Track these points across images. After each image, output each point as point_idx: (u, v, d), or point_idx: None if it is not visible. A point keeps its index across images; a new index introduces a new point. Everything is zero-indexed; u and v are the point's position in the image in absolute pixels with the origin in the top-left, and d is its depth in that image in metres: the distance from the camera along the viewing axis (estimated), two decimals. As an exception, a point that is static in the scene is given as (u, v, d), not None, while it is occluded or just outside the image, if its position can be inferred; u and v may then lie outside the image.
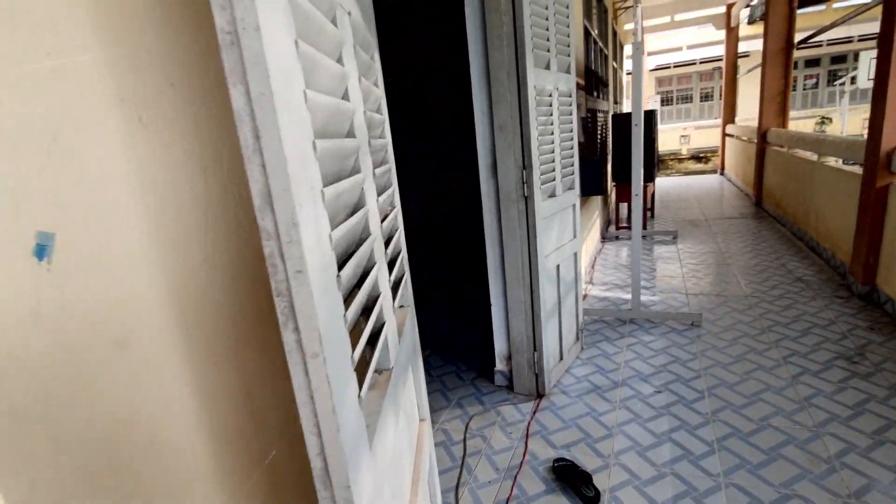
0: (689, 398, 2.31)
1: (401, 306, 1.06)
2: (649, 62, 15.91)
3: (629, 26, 9.53)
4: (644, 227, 5.67)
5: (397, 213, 1.06)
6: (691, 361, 2.64)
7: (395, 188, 1.08)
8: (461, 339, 3.24)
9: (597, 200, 5.12)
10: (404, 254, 1.14)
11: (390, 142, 1.08)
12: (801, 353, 2.60)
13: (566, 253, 2.56)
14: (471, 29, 2.09)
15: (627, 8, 8.15)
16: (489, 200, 2.30)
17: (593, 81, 4.90)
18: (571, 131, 2.52)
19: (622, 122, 4.87)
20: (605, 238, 5.69)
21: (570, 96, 2.47)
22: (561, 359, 2.61)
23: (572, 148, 2.54)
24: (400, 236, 1.09)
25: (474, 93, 2.18)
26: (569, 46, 2.41)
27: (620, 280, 4.14)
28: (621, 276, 4.26)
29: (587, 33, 4.48)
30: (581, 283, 2.78)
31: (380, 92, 1.02)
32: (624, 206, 6.64)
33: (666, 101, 19.58)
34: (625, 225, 5.98)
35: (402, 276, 1.07)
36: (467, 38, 2.11)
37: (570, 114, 2.50)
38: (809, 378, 2.37)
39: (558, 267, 2.49)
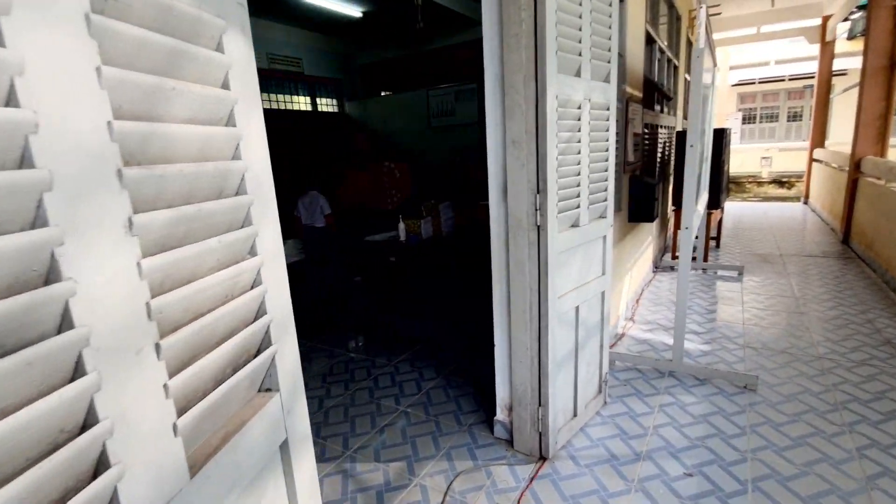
0: (728, 490, 1.85)
1: (267, 390, 0.76)
2: (731, 76, 14.71)
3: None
4: (705, 259, 5.07)
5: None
6: (737, 438, 2.16)
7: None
8: (479, 366, 2.91)
9: (650, 225, 4.60)
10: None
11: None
12: (883, 446, 2.05)
13: (590, 292, 2.17)
14: (487, 24, 1.78)
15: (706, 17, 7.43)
16: (498, 227, 1.97)
17: (654, 94, 4.40)
18: (606, 150, 2.14)
19: (685, 140, 4.34)
20: (657, 268, 5.13)
21: (608, 109, 2.09)
22: (574, 415, 2.23)
23: (606, 170, 2.16)
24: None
25: (487, 102, 1.87)
26: (609, 51, 2.03)
27: (667, 320, 3.63)
28: (669, 315, 3.74)
29: (650, 40, 4.01)
30: (607, 326, 2.37)
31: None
32: (683, 233, 6.01)
33: (748, 119, 18.11)
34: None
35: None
36: (483, 36, 1.81)
37: (606, 129, 2.11)
38: (891, 483, 1.83)
39: (577, 308, 2.11)
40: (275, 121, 7.92)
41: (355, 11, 7.01)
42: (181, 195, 0.53)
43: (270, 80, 7.71)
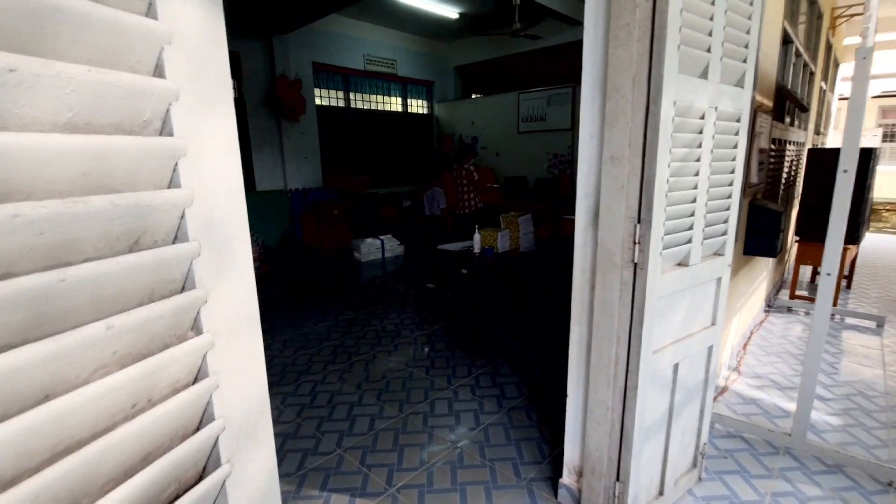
0: None
1: None
2: (871, 87, 12.63)
3: (851, 41, 7.50)
4: (834, 303, 4.22)
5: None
6: (889, 564, 1.62)
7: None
8: (547, 407, 2.57)
9: (766, 258, 3.91)
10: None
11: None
12: None
13: (694, 346, 1.75)
14: (589, 12, 1.46)
15: (852, 17, 6.35)
16: (584, 258, 1.64)
17: (786, 104, 3.72)
18: (732, 171, 1.71)
19: (822, 160, 3.62)
20: (770, 307, 4.38)
21: (738, 120, 1.66)
22: (661, 493, 1.82)
23: (730, 196, 1.73)
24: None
25: (583, 107, 1.54)
26: (746, 47, 1.61)
27: (783, 375, 3.01)
28: (785, 368, 3.11)
29: (786, 39, 3.37)
30: (712, 388, 1.92)
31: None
32: (806, 269, 5.13)
33: (889, 137, 15.54)
34: (805, 294, 4.55)
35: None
36: (583, 28, 1.49)
37: (734, 146, 1.69)
38: None
39: (677, 366, 1.70)
40: (367, 121, 8.06)
41: (452, 12, 6.90)
42: (39, 251, 0.31)
43: (366, 80, 7.87)
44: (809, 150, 3.79)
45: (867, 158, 3.78)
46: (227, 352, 0.46)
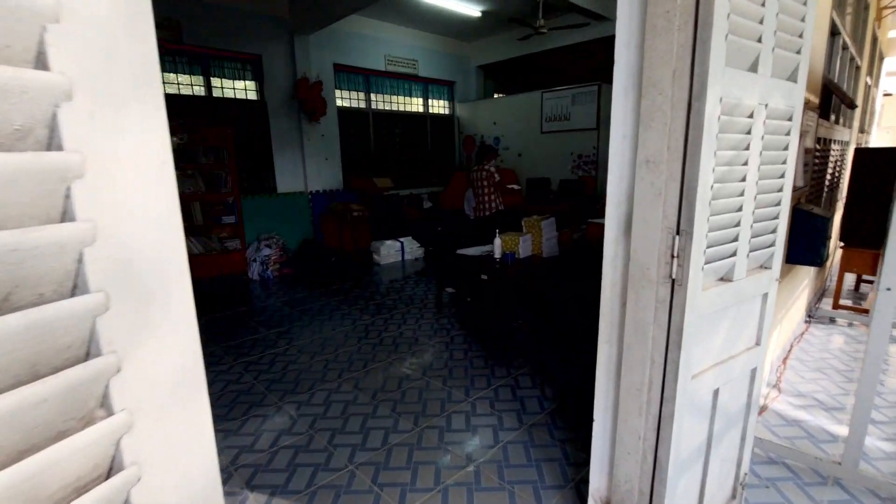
0: None
1: None
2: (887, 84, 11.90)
3: (897, 33, 7.05)
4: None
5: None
6: None
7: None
8: (571, 426, 2.42)
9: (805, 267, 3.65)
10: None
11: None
12: None
13: (736, 369, 1.58)
14: (623, 0, 1.32)
15: (900, 7, 5.96)
16: (614, 272, 1.49)
17: (832, 100, 3.46)
18: (782, 176, 1.53)
19: (872, 161, 3.35)
20: (811, 317, 4.10)
21: (790, 119, 1.49)
22: (697, 529, 1.65)
23: (779, 203, 1.55)
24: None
25: (614, 105, 1.40)
26: (801, 37, 1.44)
27: (828, 394, 2.78)
28: (830, 385, 2.87)
29: (833, 31, 3.13)
30: (755, 413, 1.75)
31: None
32: (850, 276, 4.81)
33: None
34: (849, 304, 4.25)
35: None
36: (616, 18, 1.35)
37: (786, 147, 1.51)
38: None
39: (717, 391, 1.54)
40: (388, 122, 8.00)
41: (474, 11, 6.77)
42: None
43: (387, 81, 7.80)
44: (856, 149, 3.52)
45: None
46: (153, 433, 0.35)
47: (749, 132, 1.35)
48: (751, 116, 1.34)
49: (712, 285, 1.39)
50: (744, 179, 1.38)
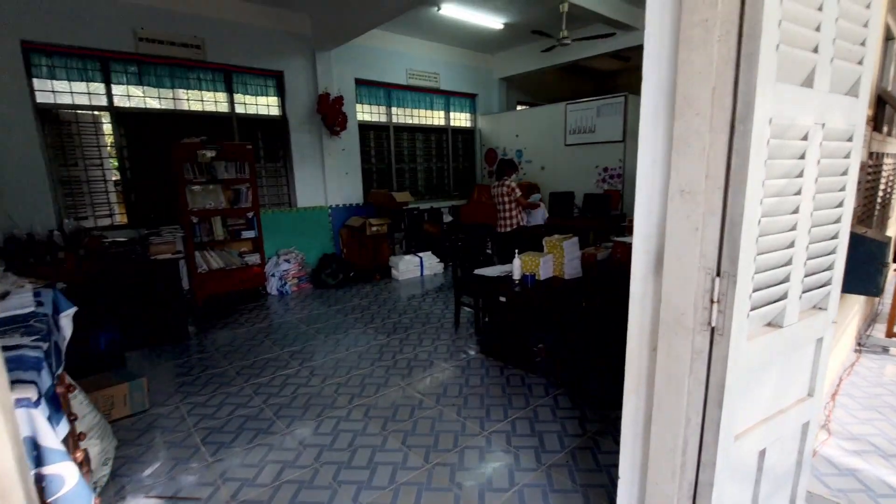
0: None
1: None
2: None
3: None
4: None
5: None
6: None
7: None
8: (596, 469, 2.22)
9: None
10: None
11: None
12: None
13: (787, 425, 1.38)
14: (653, 8, 1.16)
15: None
16: (641, 314, 1.31)
17: (885, 110, 3.18)
18: (840, 205, 1.33)
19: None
20: (861, 345, 3.77)
21: (850, 140, 1.29)
22: None
23: (836, 236, 1.35)
24: None
25: (642, 126, 1.24)
26: (864, 45, 1.25)
27: (886, 437, 2.49)
28: (888, 427, 2.58)
29: (888, 36, 2.87)
30: (807, 473, 1.52)
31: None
32: (905, 301, 4.43)
33: None
34: (904, 332, 3.89)
35: None
36: (644, 29, 1.19)
37: (845, 172, 1.31)
38: None
39: (763, 452, 1.34)
40: (409, 136, 7.95)
41: (497, 23, 6.67)
42: None
43: (408, 94, 7.77)
44: (914, 164, 3.22)
45: None
46: None
47: (803, 157, 1.17)
48: (805, 139, 1.16)
49: (759, 333, 1.20)
50: (796, 211, 1.19)
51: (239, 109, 5.93)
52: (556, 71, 8.96)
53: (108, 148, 5.12)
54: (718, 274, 1.11)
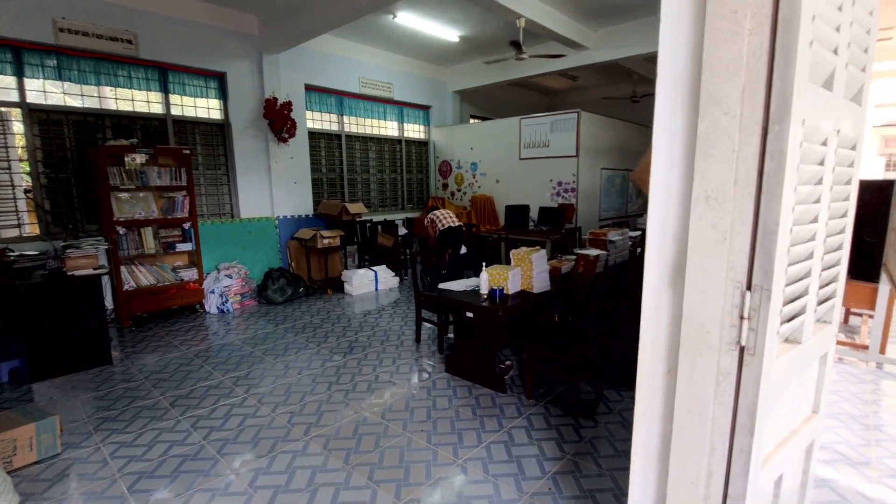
0: None
1: None
2: (873, 117, 12.61)
3: None
4: (882, 350, 3.81)
5: None
6: None
7: None
8: (577, 478, 2.09)
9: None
10: None
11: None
12: None
13: (798, 447, 1.31)
14: None
15: None
16: (655, 331, 1.20)
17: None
18: (844, 215, 1.30)
19: (870, 192, 3.25)
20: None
21: (854, 148, 1.26)
22: None
23: (841, 247, 1.31)
24: None
25: (656, 126, 1.14)
26: (867, 52, 1.22)
27: (850, 444, 2.55)
28: (850, 435, 2.65)
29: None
30: (809, 497, 1.47)
31: None
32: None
33: (893, 166, 15.58)
34: (841, 338, 4.13)
35: None
36: (659, 18, 1.10)
37: (848, 181, 1.28)
38: None
39: (780, 479, 1.25)
40: (361, 146, 7.70)
41: (453, 35, 6.64)
42: None
43: (361, 103, 7.53)
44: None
45: (888, 192, 3.41)
46: None
47: (822, 163, 1.10)
48: (824, 144, 1.10)
49: (788, 351, 1.12)
50: (816, 220, 1.13)
51: (175, 111, 5.45)
52: (508, 86, 9.08)
53: (19, 150, 4.50)
54: (749, 287, 1.01)
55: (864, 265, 3.24)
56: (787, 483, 1.31)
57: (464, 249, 5.99)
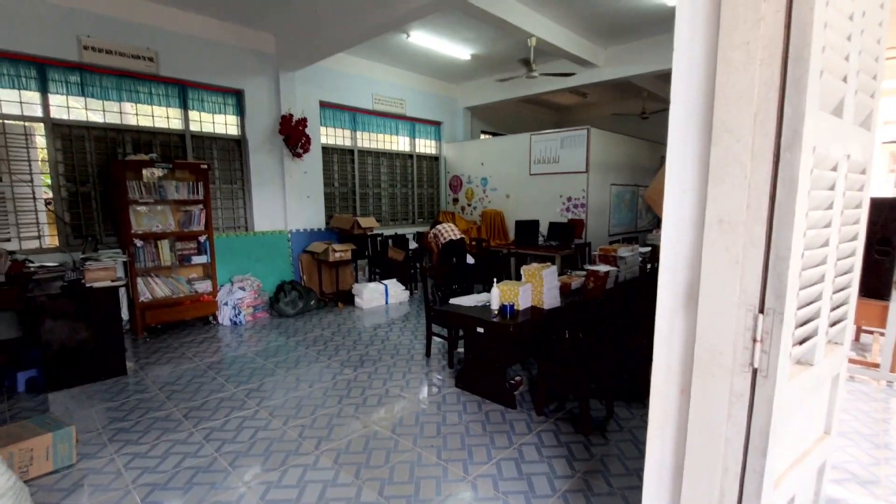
0: None
1: None
2: (882, 134, 12.52)
3: None
4: (892, 369, 3.75)
5: None
6: None
7: None
8: (587, 496, 2.08)
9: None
10: None
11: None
12: None
13: (810, 467, 1.31)
14: (682, 27, 1.10)
15: None
16: (668, 352, 1.21)
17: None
18: (854, 238, 1.31)
19: (879, 210, 3.24)
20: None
21: (864, 172, 1.29)
22: None
23: (851, 270, 1.33)
24: None
25: (670, 153, 1.17)
26: (875, 79, 1.25)
27: (860, 463, 2.51)
28: (860, 454, 2.61)
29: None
30: (827, 518, 1.46)
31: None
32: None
33: (904, 184, 15.37)
34: (852, 356, 4.07)
35: None
36: (673, 48, 1.13)
37: (858, 205, 1.30)
38: None
39: (792, 500, 1.25)
40: (374, 161, 7.81)
41: (464, 53, 6.76)
42: None
43: (374, 119, 7.66)
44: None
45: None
46: None
47: (833, 188, 1.13)
48: (834, 170, 1.12)
49: (801, 373, 1.13)
50: (826, 244, 1.15)
51: (194, 127, 5.59)
52: (518, 102, 9.19)
53: (41, 163, 4.64)
54: (762, 310, 1.03)
55: (875, 283, 3.22)
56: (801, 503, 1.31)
57: (471, 259, 6.03)
